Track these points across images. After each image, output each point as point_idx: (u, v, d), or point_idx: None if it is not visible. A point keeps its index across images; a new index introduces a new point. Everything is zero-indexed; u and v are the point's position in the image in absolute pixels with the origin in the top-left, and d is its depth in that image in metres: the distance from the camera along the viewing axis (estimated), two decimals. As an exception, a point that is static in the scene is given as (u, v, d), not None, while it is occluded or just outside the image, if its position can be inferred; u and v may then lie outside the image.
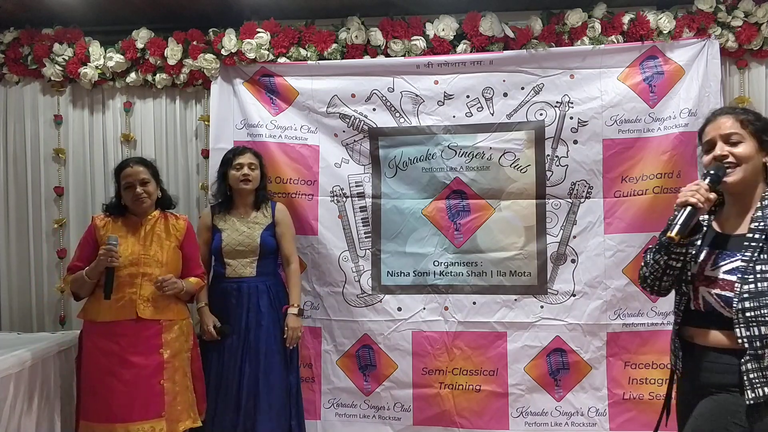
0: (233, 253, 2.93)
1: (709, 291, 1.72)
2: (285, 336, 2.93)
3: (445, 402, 3.27)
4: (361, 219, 3.32)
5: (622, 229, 3.16)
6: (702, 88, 3.10)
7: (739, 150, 1.72)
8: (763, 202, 1.73)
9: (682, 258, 1.73)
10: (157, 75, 3.40)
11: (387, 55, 3.28)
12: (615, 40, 3.17)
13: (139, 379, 2.61)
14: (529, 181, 3.22)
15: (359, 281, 3.31)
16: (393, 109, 3.29)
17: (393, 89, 3.28)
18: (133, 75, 3.42)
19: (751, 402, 1.61)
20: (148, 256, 2.68)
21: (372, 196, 3.32)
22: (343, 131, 3.32)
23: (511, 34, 3.19)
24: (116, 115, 3.52)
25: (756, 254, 1.65)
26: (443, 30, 3.22)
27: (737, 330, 1.63)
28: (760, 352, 1.61)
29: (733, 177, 1.71)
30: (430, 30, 3.25)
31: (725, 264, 1.71)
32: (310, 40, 3.29)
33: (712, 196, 1.66)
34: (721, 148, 1.74)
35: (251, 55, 3.26)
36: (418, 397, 3.29)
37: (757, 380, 1.62)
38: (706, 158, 1.78)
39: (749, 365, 1.62)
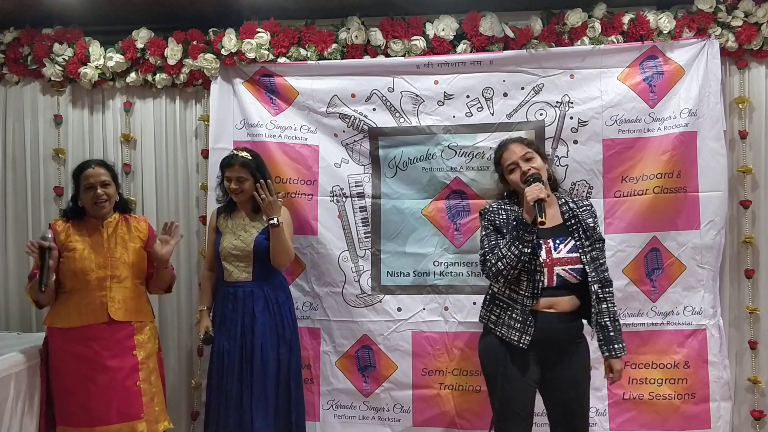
0: (229, 257, 2.92)
1: (563, 268, 2.33)
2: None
3: (445, 403, 3.27)
4: (361, 219, 3.32)
5: (623, 229, 3.16)
6: (702, 88, 3.10)
7: (536, 163, 2.40)
8: (560, 201, 2.47)
9: (529, 245, 2.26)
10: (157, 75, 3.40)
11: (387, 55, 3.28)
12: (615, 40, 3.17)
13: (116, 382, 2.61)
14: (529, 181, 3.22)
15: (359, 281, 3.30)
16: (393, 109, 3.29)
17: (393, 89, 3.28)
18: (133, 75, 3.42)
19: (593, 338, 2.41)
20: (115, 258, 2.67)
21: (372, 196, 3.31)
22: (343, 131, 3.32)
23: (511, 34, 3.19)
24: (116, 115, 3.52)
25: (579, 236, 2.37)
26: (443, 30, 3.22)
27: (592, 287, 2.33)
28: (594, 303, 2.35)
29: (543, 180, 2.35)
30: (430, 30, 3.25)
31: (563, 247, 2.35)
32: (310, 40, 3.29)
33: (549, 192, 2.35)
34: (525, 166, 2.39)
35: (251, 55, 3.26)
36: (418, 398, 3.29)
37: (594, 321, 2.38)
38: (515, 175, 2.41)
39: (593, 311, 2.35)
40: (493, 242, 2.38)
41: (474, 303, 3.24)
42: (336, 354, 3.33)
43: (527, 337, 2.32)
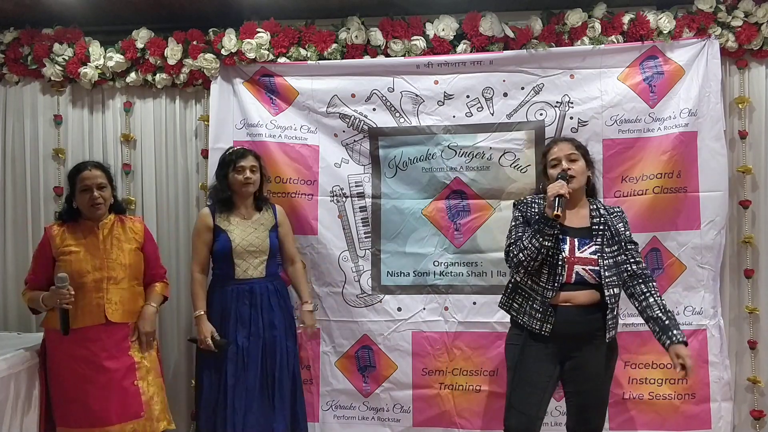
0: (244, 254, 2.91)
1: (583, 267, 2.40)
2: (300, 331, 3.03)
3: (445, 403, 3.27)
4: (361, 219, 3.32)
5: (623, 228, 3.15)
6: (702, 88, 3.10)
7: (577, 166, 2.48)
8: (592, 206, 2.52)
9: (551, 238, 2.36)
10: (157, 75, 3.40)
11: (387, 55, 3.28)
12: (615, 40, 3.17)
13: (114, 382, 2.60)
14: (529, 181, 3.22)
15: (359, 281, 3.30)
16: (393, 109, 3.29)
17: (393, 89, 3.28)
18: (133, 75, 3.42)
19: (608, 340, 2.42)
20: (111, 260, 2.66)
21: (372, 196, 3.31)
22: (343, 131, 3.32)
23: (511, 34, 3.19)
24: (116, 115, 3.52)
25: (603, 240, 2.43)
26: (443, 30, 3.22)
27: (606, 291, 2.37)
28: (612, 306, 2.39)
29: (573, 184, 2.43)
30: (430, 30, 3.25)
31: (587, 248, 2.42)
32: (310, 40, 3.29)
33: (569, 190, 2.38)
34: (566, 165, 2.47)
35: (251, 55, 3.26)
36: (417, 398, 3.28)
37: (612, 325, 2.41)
38: (555, 170, 2.49)
39: (609, 315, 2.39)
40: (520, 233, 2.47)
41: (474, 303, 3.25)
42: (336, 354, 3.33)
43: (548, 326, 2.40)
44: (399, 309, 3.29)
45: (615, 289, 2.40)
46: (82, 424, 2.60)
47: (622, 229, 2.49)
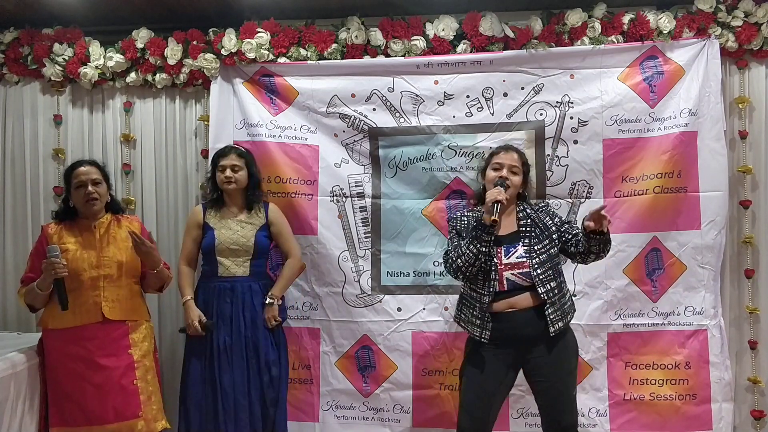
0: (226, 251, 2.92)
1: (512, 273, 2.47)
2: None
3: (446, 403, 3.26)
4: (361, 219, 3.32)
5: (623, 229, 3.15)
6: (702, 88, 3.10)
7: (515, 179, 2.57)
8: (519, 208, 2.60)
9: (487, 245, 2.43)
10: (157, 75, 3.40)
11: (387, 55, 3.28)
12: (615, 40, 3.17)
13: (111, 381, 2.60)
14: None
15: (359, 281, 3.30)
16: (393, 109, 3.29)
17: (393, 89, 3.28)
18: (133, 75, 3.42)
19: (553, 334, 2.43)
20: (107, 258, 2.66)
21: (372, 196, 3.31)
22: (343, 131, 3.32)
23: (511, 34, 3.19)
24: (116, 114, 3.52)
25: (531, 239, 2.51)
26: (443, 30, 3.22)
27: (539, 288, 2.44)
28: (553, 299, 2.45)
29: (507, 194, 2.49)
30: (430, 30, 3.25)
31: (514, 253, 2.50)
32: (310, 40, 3.29)
33: (507, 196, 2.46)
34: (506, 173, 2.56)
35: (251, 55, 3.26)
36: (417, 398, 3.28)
37: (556, 318, 2.44)
38: (494, 173, 2.58)
39: (550, 309, 2.43)
40: (456, 243, 2.56)
41: (474, 303, 3.24)
42: (336, 354, 3.33)
43: (487, 332, 2.49)
44: (399, 309, 3.28)
45: (551, 284, 2.46)
46: (79, 422, 2.60)
47: (549, 222, 2.56)
